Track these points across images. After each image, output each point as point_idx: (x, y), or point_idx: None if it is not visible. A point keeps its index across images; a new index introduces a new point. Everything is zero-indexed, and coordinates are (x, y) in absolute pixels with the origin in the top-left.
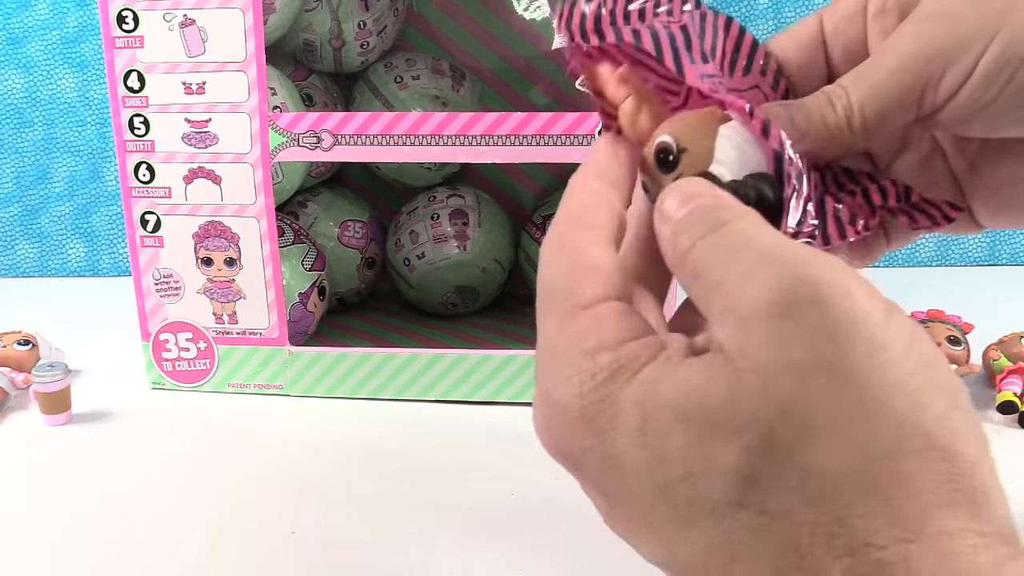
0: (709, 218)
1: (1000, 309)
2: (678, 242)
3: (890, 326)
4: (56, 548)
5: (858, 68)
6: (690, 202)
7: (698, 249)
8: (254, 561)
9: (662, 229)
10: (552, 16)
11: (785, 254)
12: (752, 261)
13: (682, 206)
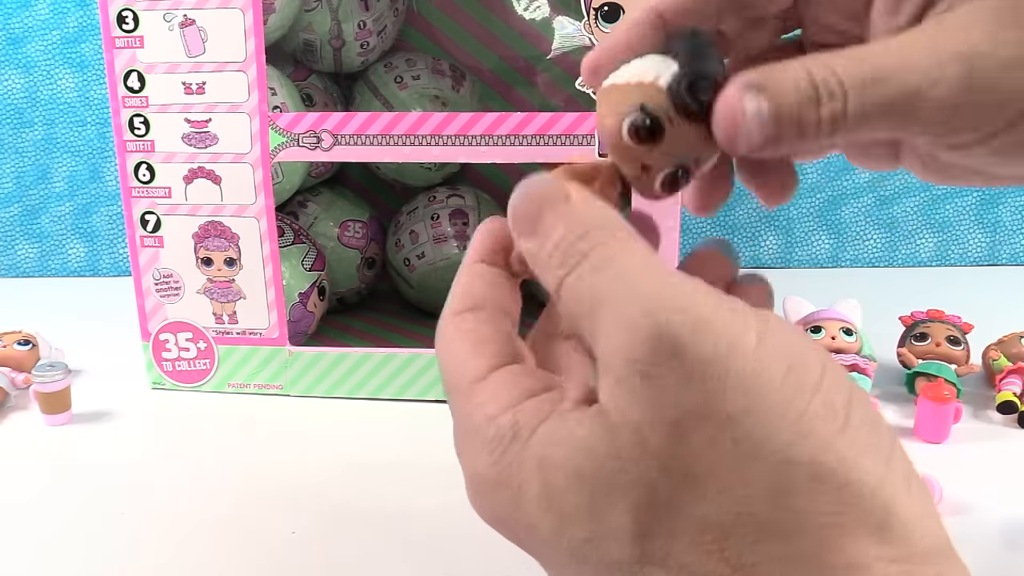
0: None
1: (1000, 309)
2: (546, 280)
3: (763, 349)
4: (56, 548)
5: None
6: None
7: (565, 288)
8: (254, 561)
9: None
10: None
11: (644, 300)
12: (613, 312)
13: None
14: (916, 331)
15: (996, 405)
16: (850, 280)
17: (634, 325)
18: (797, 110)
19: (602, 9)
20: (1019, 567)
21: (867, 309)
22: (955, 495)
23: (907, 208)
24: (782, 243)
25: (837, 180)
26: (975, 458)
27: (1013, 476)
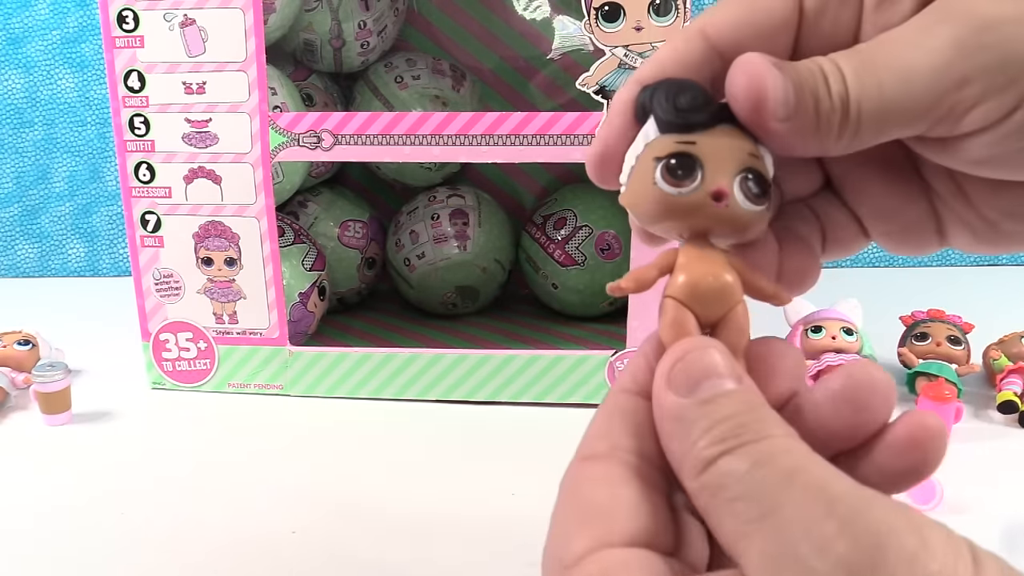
0: (742, 424)
1: (1000, 309)
2: (696, 447)
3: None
4: (56, 548)
5: (858, 52)
6: (708, 387)
7: (725, 465)
8: (254, 561)
9: (666, 408)
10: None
11: (843, 497)
12: (806, 501)
13: (693, 393)
14: (917, 331)
15: (997, 405)
16: (850, 280)
17: (841, 523)
18: (812, 83)
19: (602, 9)
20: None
21: (867, 309)
22: (955, 495)
23: None
24: None
25: None
26: (975, 458)
27: (1013, 476)
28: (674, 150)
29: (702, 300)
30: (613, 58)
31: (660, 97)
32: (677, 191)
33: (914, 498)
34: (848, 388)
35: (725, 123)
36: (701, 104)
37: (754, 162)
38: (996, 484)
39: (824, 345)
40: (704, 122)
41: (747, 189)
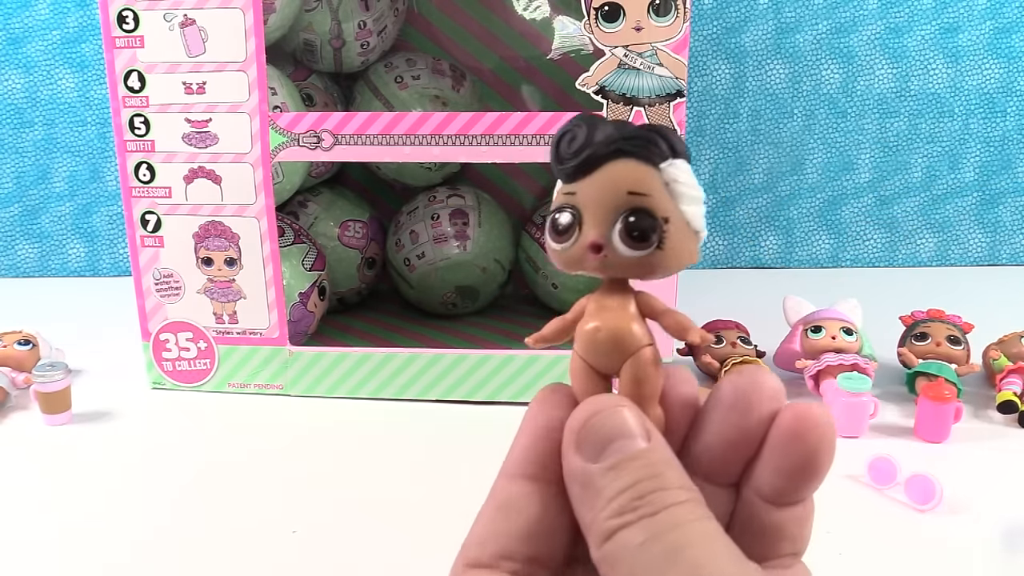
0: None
1: (1000, 309)
2: (600, 517)
3: None
4: (56, 548)
5: None
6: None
7: (622, 538)
8: (254, 561)
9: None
10: None
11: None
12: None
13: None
14: (916, 331)
15: (996, 405)
16: (850, 280)
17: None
18: None
19: (602, 9)
20: (1019, 567)
21: (867, 309)
22: (955, 495)
23: (907, 208)
24: (782, 243)
25: (837, 180)
26: (975, 458)
27: (1013, 476)
28: (558, 203)
29: (596, 353)
30: (613, 58)
31: (551, 145)
32: (561, 246)
33: (914, 498)
34: (733, 394)
35: (617, 157)
36: (578, 148)
37: (636, 201)
38: (996, 484)
39: (824, 345)
40: (583, 168)
41: (625, 234)
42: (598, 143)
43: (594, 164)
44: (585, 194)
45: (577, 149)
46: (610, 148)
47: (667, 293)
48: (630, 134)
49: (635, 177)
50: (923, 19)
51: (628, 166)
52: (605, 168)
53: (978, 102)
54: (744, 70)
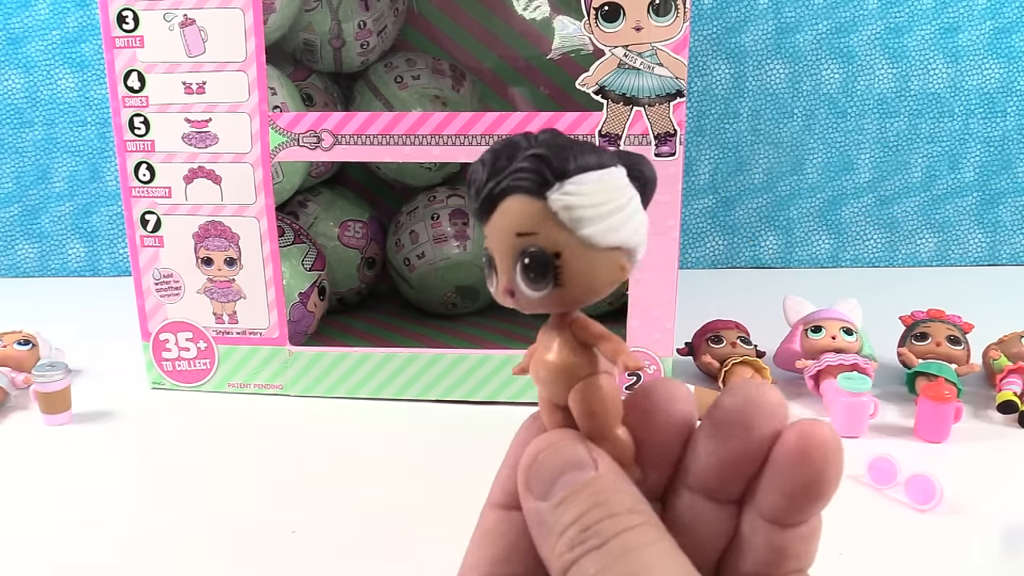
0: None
1: (1000, 309)
2: (555, 552)
3: None
4: (56, 548)
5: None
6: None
7: (578, 571)
8: (254, 561)
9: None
10: None
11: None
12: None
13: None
14: (916, 331)
15: (996, 405)
16: (850, 280)
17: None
18: None
19: (602, 9)
20: (1019, 567)
21: (867, 309)
22: (955, 495)
23: (907, 208)
24: (782, 243)
25: (837, 180)
26: (975, 458)
27: (1013, 476)
28: (484, 247)
29: (541, 386)
30: (613, 58)
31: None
32: (492, 290)
33: (914, 498)
34: (733, 413)
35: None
36: (476, 189)
37: (525, 243)
38: (996, 484)
39: (824, 345)
40: (484, 211)
41: (524, 277)
42: (488, 183)
43: (491, 206)
44: (491, 238)
45: (476, 190)
46: (498, 188)
47: (667, 294)
48: (515, 167)
49: (521, 216)
50: (923, 19)
51: (516, 203)
52: (500, 208)
53: (978, 102)
54: (744, 70)
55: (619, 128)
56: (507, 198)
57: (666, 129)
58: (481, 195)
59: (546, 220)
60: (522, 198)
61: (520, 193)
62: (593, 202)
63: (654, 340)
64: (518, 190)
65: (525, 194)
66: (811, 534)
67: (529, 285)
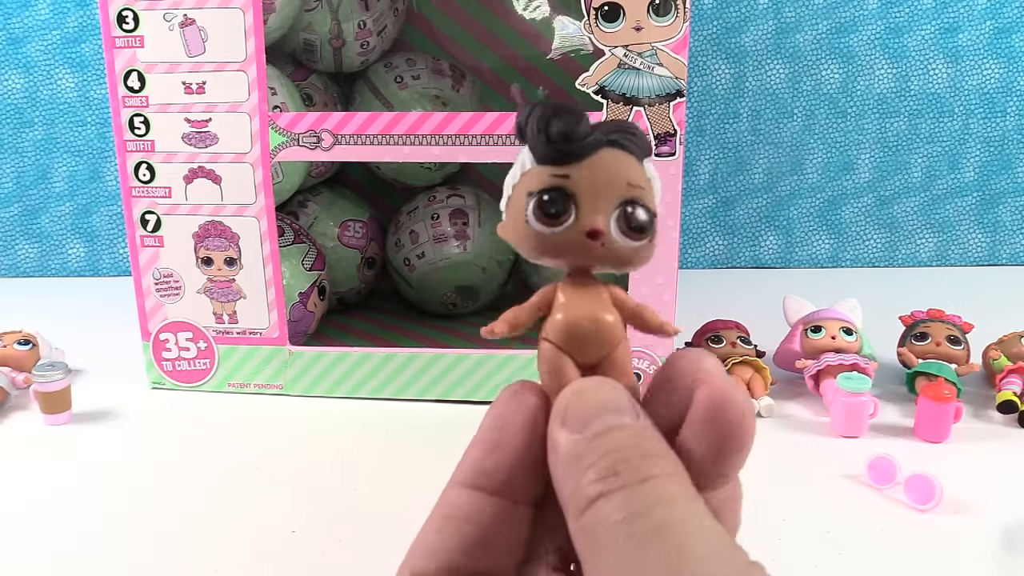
0: (626, 459)
1: (1000, 309)
2: (580, 483)
3: None
4: (56, 548)
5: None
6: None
7: (601, 511)
8: (254, 561)
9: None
10: None
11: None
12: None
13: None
14: (916, 331)
15: (996, 405)
16: (850, 280)
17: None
18: None
19: (602, 9)
20: (1019, 567)
21: (867, 309)
22: (955, 495)
23: (907, 208)
24: (782, 243)
25: (837, 180)
26: (975, 458)
27: (1013, 476)
28: (546, 184)
29: (580, 344)
30: (613, 58)
31: (533, 124)
32: (550, 230)
33: (914, 498)
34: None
35: (609, 147)
36: (576, 132)
37: (635, 192)
38: (996, 484)
39: (824, 345)
40: (579, 152)
41: (624, 224)
42: (597, 129)
43: (589, 150)
44: (582, 179)
45: (574, 132)
46: (608, 137)
47: (667, 294)
48: (618, 127)
49: (631, 168)
50: (923, 19)
51: (621, 157)
52: (599, 156)
53: (978, 102)
54: (744, 70)
55: None
56: (610, 150)
57: (666, 129)
58: (588, 137)
59: (645, 179)
60: (626, 154)
61: (625, 151)
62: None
63: (654, 340)
64: (625, 147)
65: (630, 153)
66: (734, 498)
67: (629, 234)
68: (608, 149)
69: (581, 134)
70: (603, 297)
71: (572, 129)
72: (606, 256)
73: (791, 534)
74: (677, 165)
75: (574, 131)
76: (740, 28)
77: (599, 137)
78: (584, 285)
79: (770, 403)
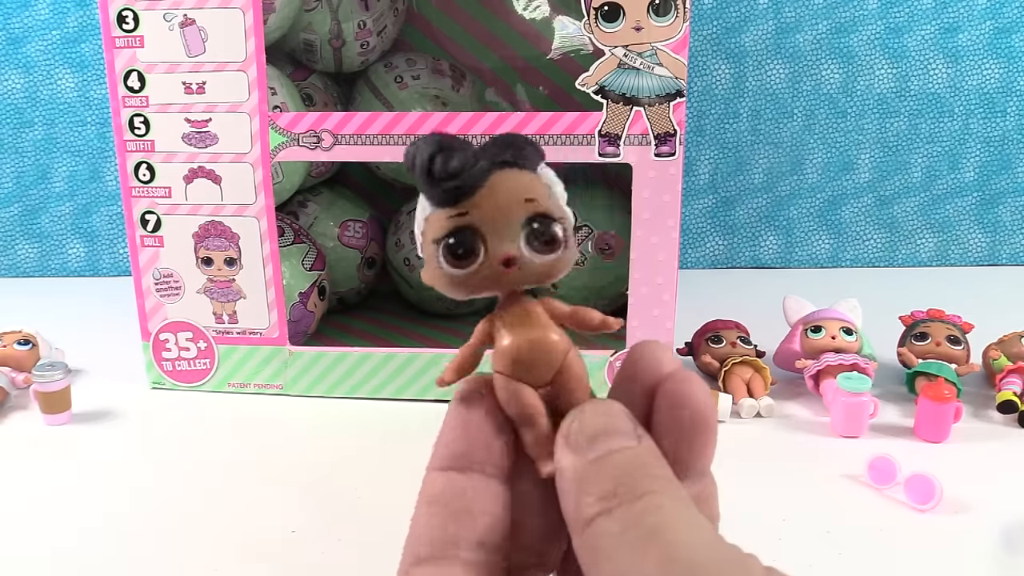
0: (624, 483)
1: (1000, 309)
2: (581, 505)
3: None
4: (56, 548)
5: None
6: (603, 445)
7: (601, 525)
8: (254, 561)
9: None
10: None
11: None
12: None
13: (589, 450)
14: (916, 331)
15: (996, 405)
16: (850, 280)
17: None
18: None
19: (602, 9)
20: (1019, 567)
21: (867, 309)
22: (955, 495)
23: (907, 208)
24: (782, 243)
25: (837, 180)
26: (975, 458)
27: (1013, 476)
28: (447, 229)
29: (529, 368)
30: (613, 58)
31: (418, 169)
32: (464, 272)
33: (914, 498)
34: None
35: (498, 168)
36: (460, 167)
37: (535, 207)
38: (996, 484)
39: (824, 345)
40: (470, 185)
41: (536, 241)
42: (481, 157)
43: (479, 180)
44: (482, 210)
45: (460, 166)
46: (496, 160)
47: (667, 294)
48: (502, 144)
49: (525, 184)
50: (923, 19)
51: (512, 175)
52: (490, 183)
53: (978, 102)
54: (744, 70)
55: (619, 128)
56: (499, 172)
57: (666, 129)
58: (474, 168)
59: (542, 190)
60: (517, 171)
61: (515, 167)
62: (561, 185)
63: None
64: (514, 164)
65: (521, 168)
66: (710, 495)
67: (541, 250)
68: (498, 172)
69: (466, 167)
70: (538, 315)
71: (456, 165)
72: (525, 278)
73: (791, 534)
74: (677, 165)
75: (459, 167)
76: (740, 28)
77: (484, 164)
78: (517, 309)
79: (770, 403)
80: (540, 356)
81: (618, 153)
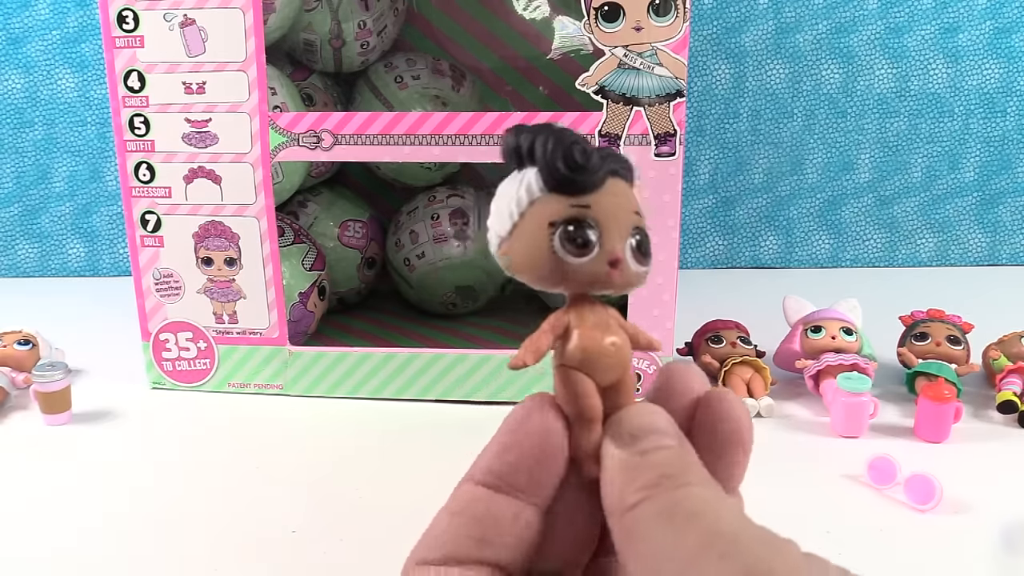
0: (667, 475)
1: (1000, 309)
2: (624, 493)
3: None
4: (56, 548)
5: None
6: (651, 440)
7: (641, 510)
8: (254, 561)
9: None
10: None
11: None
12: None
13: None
14: (916, 331)
15: (996, 405)
16: (850, 280)
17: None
18: None
19: (602, 9)
20: (1019, 567)
21: (867, 309)
22: (955, 495)
23: (907, 208)
24: (782, 243)
25: (837, 180)
26: (975, 458)
27: (1013, 476)
28: (570, 215)
29: (600, 368)
30: (613, 58)
31: (549, 152)
32: (578, 261)
33: (914, 498)
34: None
35: (612, 176)
36: (591, 162)
37: (640, 221)
38: (996, 484)
39: (824, 345)
40: (596, 182)
41: (637, 251)
42: (609, 158)
43: (602, 180)
44: (602, 208)
45: (590, 162)
46: (617, 165)
47: (667, 294)
48: (613, 155)
49: (632, 197)
50: (923, 19)
51: (623, 185)
52: (608, 186)
53: (978, 102)
54: (744, 70)
55: (619, 128)
56: (613, 179)
57: (666, 129)
58: (607, 165)
59: (640, 206)
60: (627, 184)
61: (622, 178)
62: None
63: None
64: (627, 178)
65: (627, 180)
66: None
67: (640, 259)
68: (612, 178)
69: (596, 164)
70: (612, 321)
71: (595, 160)
72: (622, 283)
73: (791, 534)
74: (677, 165)
75: (597, 162)
76: (740, 28)
77: (607, 167)
78: (592, 307)
79: (770, 403)
80: (615, 359)
81: None
